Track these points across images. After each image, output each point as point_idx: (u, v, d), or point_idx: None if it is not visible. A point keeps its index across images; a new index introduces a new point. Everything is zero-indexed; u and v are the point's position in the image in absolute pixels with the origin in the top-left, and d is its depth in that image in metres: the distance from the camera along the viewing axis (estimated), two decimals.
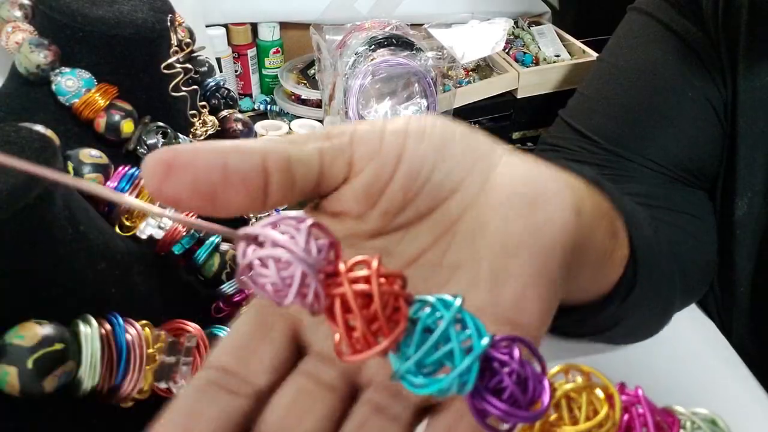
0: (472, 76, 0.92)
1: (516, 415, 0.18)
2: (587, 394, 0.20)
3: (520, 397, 0.18)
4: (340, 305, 0.18)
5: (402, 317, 0.18)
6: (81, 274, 0.32)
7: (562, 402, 0.20)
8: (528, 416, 0.18)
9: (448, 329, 0.18)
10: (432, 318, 0.18)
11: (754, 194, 0.55)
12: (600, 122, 0.61)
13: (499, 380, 0.18)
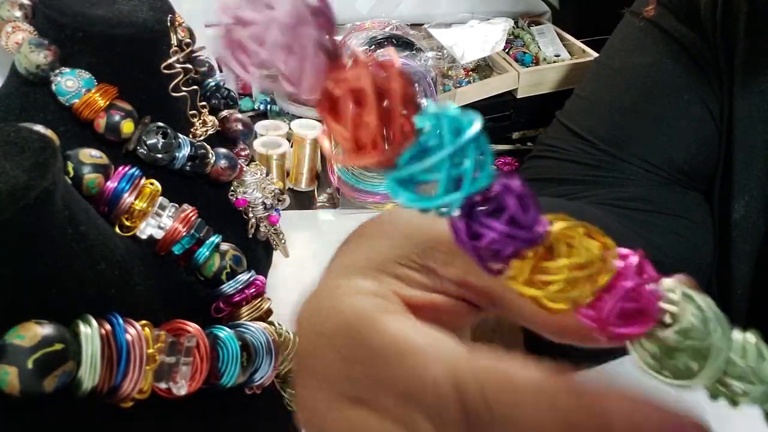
0: (472, 76, 0.92)
1: (517, 236, 0.17)
2: (583, 236, 0.19)
3: (521, 217, 0.17)
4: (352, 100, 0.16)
5: (412, 128, 0.16)
6: (81, 275, 0.32)
7: (558, 243, 0.18)
8: (530, 237, 0.17)
9: (442, 161, 0.16)
10: (433, 140, 0.16)
11: (751, 197, 0.55)
12: (596, 123, 0.61)
13: (497, 204, 0.17)
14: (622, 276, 0.19)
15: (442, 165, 0.16)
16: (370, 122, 0.16)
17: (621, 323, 0.19)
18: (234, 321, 0.43)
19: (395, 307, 0.22)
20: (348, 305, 0.21)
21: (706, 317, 0.19)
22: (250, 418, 0.42)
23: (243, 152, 0.58)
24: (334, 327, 0.21)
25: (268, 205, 0.57)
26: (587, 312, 0.19)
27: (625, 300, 0.19)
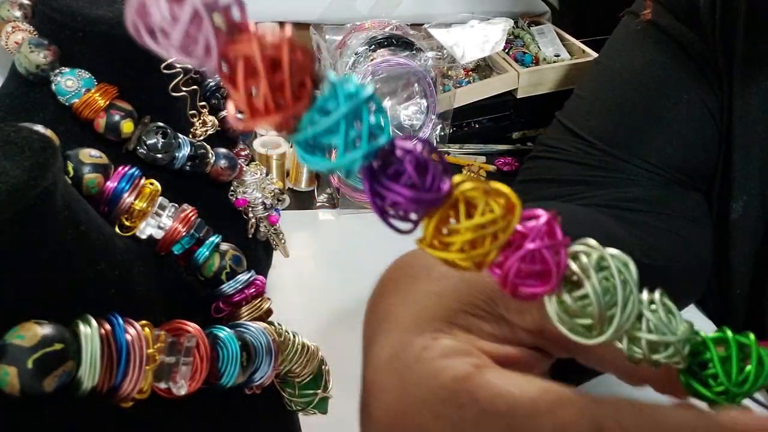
0: (472, 76, 0.92)
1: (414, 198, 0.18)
2: (485, 197, 0.19)
3: (418, 181, 0.18)
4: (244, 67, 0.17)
5: (306, 94, 0.17)
6: (81, 274, 0.32)
7: (460, 203, 0.19)
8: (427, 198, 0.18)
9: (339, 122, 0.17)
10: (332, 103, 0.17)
11: (749, 197, 0.56)
12: (596, 124, 0.61)
13: (398, 167, 0.18)
14: (527, 237, 0.19)
15: (339, 125, 0.17)
16: (260, 87, 0.17)
17: (524, 282, 0.19)
18: (234, 321, 0.43)
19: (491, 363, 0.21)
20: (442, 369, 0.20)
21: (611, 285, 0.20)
22: (250, 418, 0.42)
23: (243, 152, 0.58)
24: (433, 391, 0.20)
25: (268, 205, 0.57)
26: (494, 270, 0.19)
27: (526, 261, 0.19)
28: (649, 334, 0.20)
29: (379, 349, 0.22)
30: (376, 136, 0.18)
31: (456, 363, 0.20)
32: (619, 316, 0.19)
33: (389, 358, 0.22)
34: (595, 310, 0.20)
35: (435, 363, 0.20)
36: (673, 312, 0.21)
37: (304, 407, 0.46)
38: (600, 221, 0.50)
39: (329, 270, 0.73)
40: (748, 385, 0.20)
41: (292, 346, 0.43)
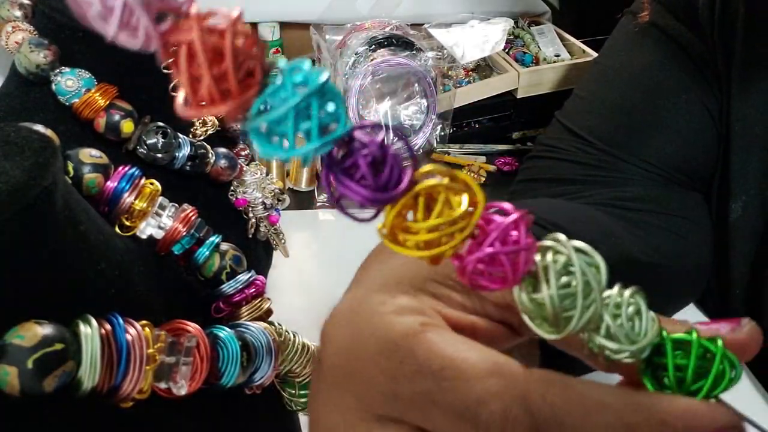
0: (472, 76, 0.92)
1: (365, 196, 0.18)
2: (448, 194, 0.19)
3: (371, 179, 0.18)
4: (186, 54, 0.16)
5: (255, 83, 0.17)
6: (81, 274, 0.32)
7: (420, 199, 0.19)
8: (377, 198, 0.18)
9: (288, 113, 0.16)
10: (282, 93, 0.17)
11: (748, 198, 0.56)
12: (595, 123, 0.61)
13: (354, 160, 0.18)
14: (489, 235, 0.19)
15: (288, 117, 0.17)
16: (202, 76, 0.16)
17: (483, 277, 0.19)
18: (234, 321, 0.43)
19: (441, 325, 0.22)
20: (392, 323, 0.21)
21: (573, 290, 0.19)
22: (250, 418, 0.42)
23: (243, 152, 0.58)
24: (380, 344, 0.21)
25: (268, 205, 0.57)
26: (453, 260, 0.19)
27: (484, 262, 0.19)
28: (605, 340, 0.20)
29: (341, 303, 0.23)
30: (329, 128, 0.17)
31: (406, 319, 0.21)
32: (576, 320, 0.19)
33: (346, 310, 0.23)
34: (549, 314, 0.19)
35: (386, 317, 0.21)
36: (640, 313, 0.20)
37: (304, 407, 0.46)
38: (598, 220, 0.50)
39: (329, 270, 0.73)
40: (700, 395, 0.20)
41: (292, 346, 0.43)
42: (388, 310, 0.22)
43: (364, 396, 0.21)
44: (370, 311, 0.22)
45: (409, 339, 0.20)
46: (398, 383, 0.20)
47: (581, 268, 0.20)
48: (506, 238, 0.19)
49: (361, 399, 0.21)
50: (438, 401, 0.19)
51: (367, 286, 0.23)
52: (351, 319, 0.22)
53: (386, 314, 0.21)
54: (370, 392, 0.21)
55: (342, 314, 0.23)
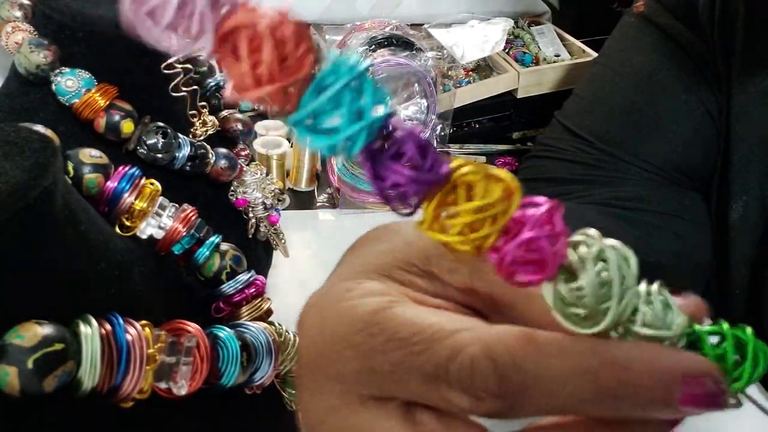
0: (472, 76, 0.92)
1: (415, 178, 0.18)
2: (485, 181, 0.19)
3: (420, 162, 0.18)
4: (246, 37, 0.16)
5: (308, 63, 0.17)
6: (81, 274, 0.32)
7: (459, 187, 0.19)
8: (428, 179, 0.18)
9: (341, 93, 0.17)
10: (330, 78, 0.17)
11: (749, 198, 0.56)
12: (595, 123, 0.61)
13: (399, 148, 0.18)
14: (526, 224, 0.19)
15: (341, 96, 0.17)
16: (264, 54, 0.16)
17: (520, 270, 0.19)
18: (234, 321, 0.43)
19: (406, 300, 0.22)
20: (360, 303, 0.22)
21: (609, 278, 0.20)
22: (250, 418, 0.42)
23: (243, 152, 0.58)
24: (349, 325, 0.21)
25: (268, 205, 0.57)
26: (491, 255, 0.20)
27: (523, 249, 0.19)
28: (644, 328, 0.20)
29: (311, 296, 0.24)
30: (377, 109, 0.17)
31: (373, 299, 0.22)
32: (614, 310, 0.20)
33: (315, 300, 0.23)
34: (589, 302, 0.20)
35: (353, 301, 0.22)
36: (670, 305, 0.21)
37: None
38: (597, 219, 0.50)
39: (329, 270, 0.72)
40: (741, 383, 0.20)
41: (292, 346, 0.43)
42: (355, 294, 0.22)
43: (342, 378, 0.21)
44: (337, 298, 0.22)
45: (377, 315, 0.21)
46: (372, 358, 0.21)
47: (616, 258, 0.20)
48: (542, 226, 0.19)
49: (339, 381, 0.21)
50: (412, 367, 0.20)
51: (336, 276, 0.24)
52: (320, 307, 0.23)
53: (353, 298, 0.22)
54: (346, 373, 0.21)
55: (311, 305, 0.24)
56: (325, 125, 0.17)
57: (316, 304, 0.23)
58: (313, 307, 0.23)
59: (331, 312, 0.22)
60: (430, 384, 0.20)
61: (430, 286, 0.23)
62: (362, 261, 0.24)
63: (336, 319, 0.22)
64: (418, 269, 0.23)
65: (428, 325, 0.20)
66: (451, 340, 0.20)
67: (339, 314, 0.22)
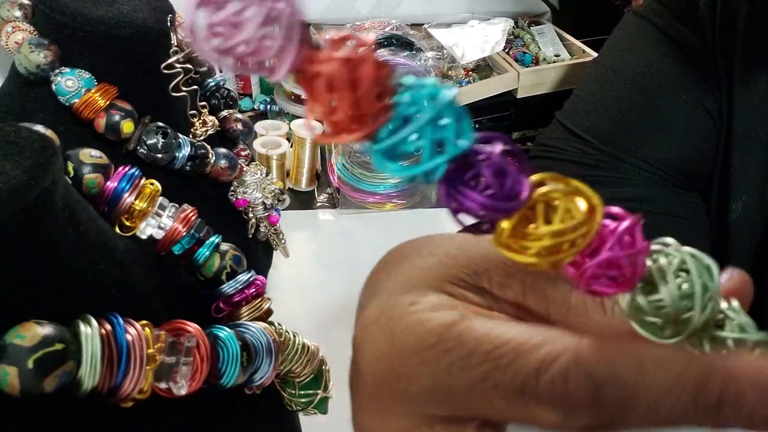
0: (472, 76, 0.92)
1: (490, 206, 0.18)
2: (566, 200, 0.19)
3: (497, 189, 0.18)
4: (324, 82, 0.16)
5: (386, 106, 0.17)
6: (81, 274, 0.32)
7: (538, 206, 0.19)
8: (503, 207, 0.18)
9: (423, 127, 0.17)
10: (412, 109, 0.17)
11: (748, 197, 0.56)
12: (594, 123, 0.61)
13: (475, 172, 0.18)
14: (606, 240, 0.19)
15: (424, 129, 0.17)
16: (341, 106, 0.16)
17: (599, 286, 0.19)
18: (234, 321, 0.43)
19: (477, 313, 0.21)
20: (429, 318, 0.20)
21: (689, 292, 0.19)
22: (250, 418, 0.42)
23: (243, 152, 0.58)
24: (421, 339, 0.20)
25: (268, 205, 0.57)
26: (569, 268, 0.19)
27: (603, 267, 0.19)
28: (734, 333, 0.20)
29: (368, 311, 0.22)
30: (458, 140, 0.17)
31: (442, 313, 0.21)
32: (696, 320, 0.19)
33: (377, 316, 0.22)
34: (670, 313, 0.19)
35: (422, 314, 0.21)
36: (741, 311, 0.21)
37: (304, 407, 0.46)
38: None
39: (329, 270, 0.73)
40: None
41: (292, 346, 0.43)
42: (421, 308, 0.21)
43: (413, 397, 0.20)
44: (401, 312, 0.21)
45: (452, 328, 0.20)
46: (450, 375, 0.19)
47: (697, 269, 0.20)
48: (623, 244, 0.19)
49: (410, 401, 0.20)
50: (497, 383, 0.19)
51: (389, 292, 0.23)
52: (383, 323, 0.21)
53: (420, 312, 0.21)
54: (420, 392, 0.20)
55: (372, 320, 0.22)
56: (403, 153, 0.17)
57: (377, 320, 0.22)
58: (376, 323, 0.22)
59: (397, 327, 0.21)
60: (517, 400, 0.19)
61: (483, 302, 0.22)
62: (411, 275, 0.23)
63: (405, 334, 0.20)
64: (467, 284, 0.22)
65: (511, 337, 0.19)
66: (539, 351, 0.19)
67: (408, 328, 0.20)
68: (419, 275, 0.23)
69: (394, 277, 0.23)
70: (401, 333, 0.20)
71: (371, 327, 0.22)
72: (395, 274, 0.23)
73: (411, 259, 0.23)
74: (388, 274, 0.24)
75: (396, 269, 0.24)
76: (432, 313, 0.21)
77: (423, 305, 0.21)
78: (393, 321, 0.21)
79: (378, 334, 0.21)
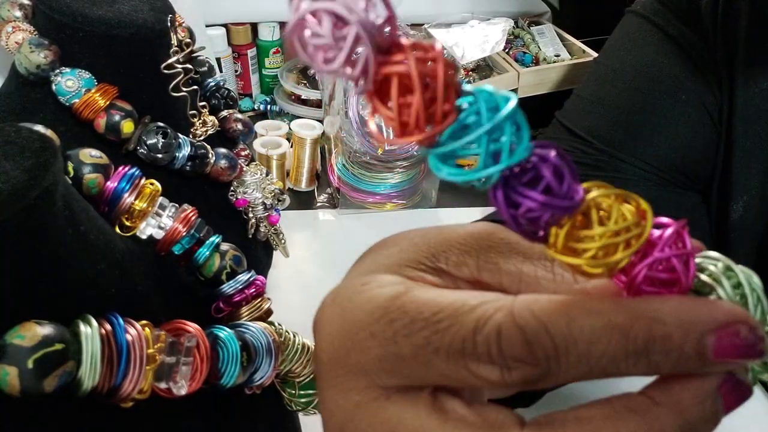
0: (472, 76, 0.92)
1: (552, 204, 0.18)
2: (618, 203, 0.19)
3: (557, 187, 0.18)
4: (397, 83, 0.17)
5: (452, 108, 0.17)
6: (81, 274, 0.32)
7: (591, 211, 0.19)
8: (564, 204, 0.18)
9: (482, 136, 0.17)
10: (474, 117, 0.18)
11: (749, 198, 0.56)
12: (594, 123, 0.61)
13: (534, 174, 0.18)
14: (657, 245, 0.19)
15: (481, 140, 0.17)
16: (415, 105, 0.17)
17: (651, 290, 0.19)
18: (234, 321, 0.43)
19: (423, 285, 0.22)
20: (379, 292, 0.21)
21: (743, 293, 0.20)
22: (250, 418, 0.42)
23: (243, 152, 0.58)
24: (368, 314, 0.21)
25: (268, 205, 0.57)
26: (620, 276, 0.20)
27: (655, 269, 0.19)
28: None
29: (325, 296, 0.24)
30: (516, 149, 0.18)
31: (391, 287, 0.22)
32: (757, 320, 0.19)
33: (332, 297, 0.23)
34: None
35: (371, 291, 0.22)
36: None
37: (304, 407, 0.46)
38: None
39: (329, 270, 0.73)
40: None
41: (292, 346, 0.43)
42: (371, 286, 0.22)
43: (365, 370, 0.21)
44: (352, 291, 0.22)
45: (396, 299, 0.21)
46: (396, 343, 0.20)
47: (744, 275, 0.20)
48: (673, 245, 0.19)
49: (363, 374, 0.21)
50: (438, 346, 0.20)
51: (349, 276, 0.24)
52: (336, 303, 0.23)
53: (369, 290, 0.22)
54: (369, 364, 0.21)
55: (327, 302, 0.23)
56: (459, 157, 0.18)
57: (332, 301, 0.23)
58: (330, 304, 0.23)
59: (348, 305, 0.22)
60: (457, 360, 0.19)
61: (441, 282, 0.23)
62: (371, 263, 0.24)
63: (355, 311, 0.21)
64: (426, 266, 0.23)
65: (450, 302, 0.20)
66: (475, 312, 0.20)
67: (357, 305, 0.21)
68: (380, 262, 0.24)
69: (356, 268, 0.24)
70: (351, 310, 0.22)
71: (326, 308, 0.23)
72: (358, 264, 0.25)
73: (376, 251, 0.25)
74: (354, 266, 0.25)
75: (361, 261, 0.25)
76: (380, 289, 0.22)
77: (373, 284, 0.22)
78: (345, 300, 0.22)
79: (331, 314, 0.22)
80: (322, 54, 0.16)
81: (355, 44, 0.16)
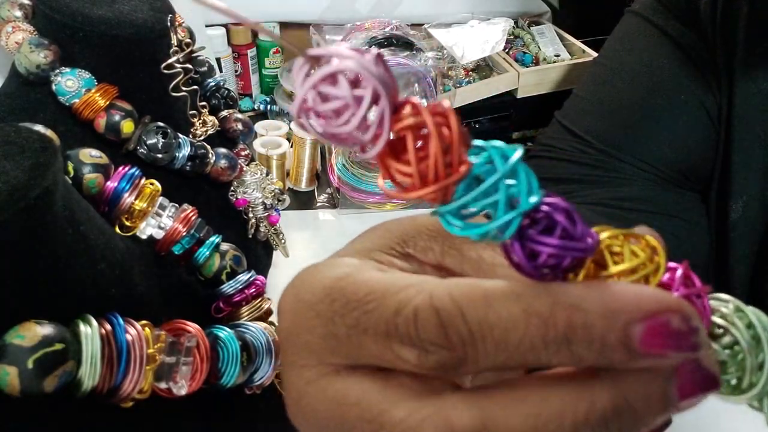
0: (472, 76, 0.92)
1: (571, 247, 0.18)
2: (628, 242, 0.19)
3: (573, 230, 0.18)
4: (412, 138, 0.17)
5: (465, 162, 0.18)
6: (81, 274, 0.32)
7: (604, 252, 0.19)
8: (580, 247, 0.18)
9: (497, 183, 0.17)
10: (485, 168, 0.18)
11: (749, 198, 0.56)
12: (594, 123, 0.61)
13: (548, 222, 0.18)
14: (669, 287, 0.19)
15: (499, 186, 0.18)
16: (433, 150, 0.17)
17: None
18: (234, 321, 0.43)
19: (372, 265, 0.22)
20: (326, 274, 0.22)
21: (757, 333, 0.20)
22: (250, 418, 0.42)
23: (243, 152, 0.58)
24: (314, 295, 0.21)
25: (268, 205, 0.57)
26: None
27: None
28: None
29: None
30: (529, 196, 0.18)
31: (341, 267, 0.22)
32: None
33: (293, 281, 0.23)
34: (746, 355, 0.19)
35: (322, 273, 0.22)
36: None
37: None
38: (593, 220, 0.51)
39: None
40: None
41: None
42: (325, 268, 0.22)
43: (312, 348, 0.21)
44: (309, 273, 0.22)
45: (340, 281, 0.21)
46: (334, 323, 0.20)
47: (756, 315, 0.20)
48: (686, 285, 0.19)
49: (311, 352, 0.21)
50: (366, 327, 0.20)
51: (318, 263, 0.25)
52: (294, 284, 0.23)
53: (321, 271, 0.22)
54: (316, 343, 0.21)
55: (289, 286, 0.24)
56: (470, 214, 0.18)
57: (292, 283, 0.23)
58: (289, 285, 0.23)
59: (301, 285, 0.22)
60: (383, 342, 0.19)
61: (408, 267, 0.24)
62: (347, 248, 0.24)
63: (305, 292, 0.22)
64: (396, 252, 0.24)
65: (384, 284, 0.20)
66: (400, 294, 0.19)
67: (308, 286, 0.22)
68: (354, 247, 0.24)
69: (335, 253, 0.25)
70: (304, 291, 0.22)
71: (286, 289, 0.23)
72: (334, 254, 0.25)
73: (360, 237, 0.25)
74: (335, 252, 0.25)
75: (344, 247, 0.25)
76: (330, 270, 0.22)
77: (327, 265, 0.22)
78: (300, 281, 0.22)
79: (288, 294, 0.23)
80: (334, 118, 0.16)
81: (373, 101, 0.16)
